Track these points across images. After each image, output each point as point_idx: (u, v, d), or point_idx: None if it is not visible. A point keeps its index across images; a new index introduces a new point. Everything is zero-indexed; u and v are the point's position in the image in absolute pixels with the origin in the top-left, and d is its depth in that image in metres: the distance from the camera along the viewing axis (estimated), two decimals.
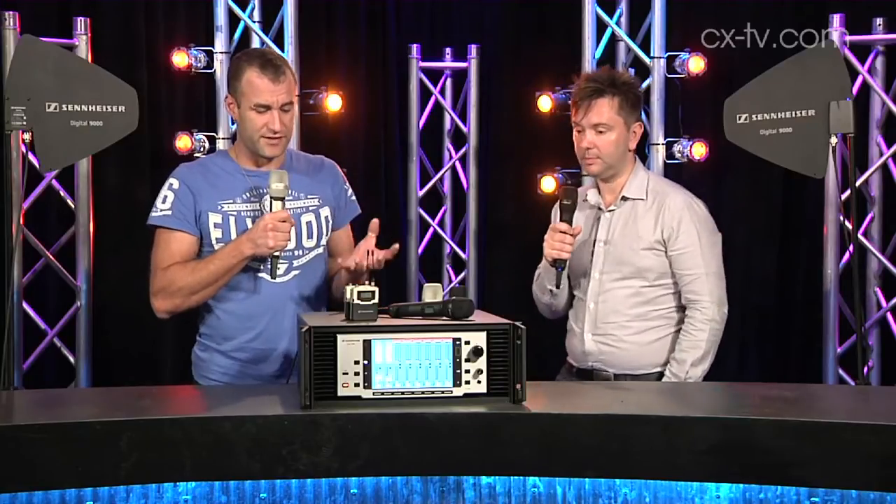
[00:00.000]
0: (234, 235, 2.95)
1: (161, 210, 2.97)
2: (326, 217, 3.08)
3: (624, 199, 3.22)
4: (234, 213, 2.98)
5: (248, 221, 2.97)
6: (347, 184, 3.20)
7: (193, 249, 2.98)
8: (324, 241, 3.07)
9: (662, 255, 3.17)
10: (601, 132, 3.16)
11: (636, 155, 3.30)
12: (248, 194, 3.00)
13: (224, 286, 2.95)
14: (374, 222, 2.92)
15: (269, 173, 2.92)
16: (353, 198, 3.20)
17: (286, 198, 2.91)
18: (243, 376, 3.00)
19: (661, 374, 3.17)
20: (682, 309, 3.20)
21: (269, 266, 2.91)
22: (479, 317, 2.51)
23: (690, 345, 3.13)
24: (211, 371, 3.04)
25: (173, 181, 3.00)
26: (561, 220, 3.10)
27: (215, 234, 2.97)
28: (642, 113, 5.00)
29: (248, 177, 3.02)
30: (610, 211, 3.23)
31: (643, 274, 3.17)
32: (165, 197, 2.98)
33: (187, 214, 2.96)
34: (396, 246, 2.91)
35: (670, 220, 3.16)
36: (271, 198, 2.90)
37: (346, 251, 3.09)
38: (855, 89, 4.60)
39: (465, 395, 2.39)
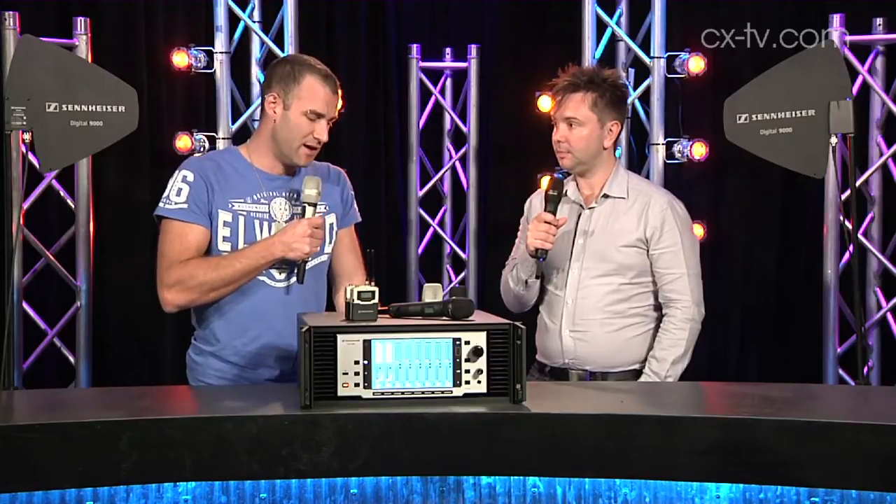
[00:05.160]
0: (241, 236, 2.91)
1: (176, 203, 2.88)
2: (332, 224, 3.04)
3: (605, 196, 3.23)
4: (244, 213, 2.92)
5: (256, 224, 2.93)
6: (353, 190, 3.16)
7: (206, 243, 2.91)
8: (328, 249, 3.04)
9: (644, 253, 3.18)
10: (572, 126, 3.18)
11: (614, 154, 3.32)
12: (258, 195, 2.95)
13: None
14: None
15: (304, 179, 2.91)
16: (355, 206, 3.16)
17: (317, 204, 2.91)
18: (240, 380, 2.96)
19: (636, 372, 3.19)
20: (657, 308, 3.22)
21: (297, 271, 2.90)
22: (479, 317, 2.50)
23: (671, 343, 3.15)
24: (206, 374, 2.98)
25: (187, 173, 2.92)
26: (546, 210, 3.11)
27: (223, 232, 2.91)
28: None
29: (262, 178, 2.96)
30: (591, 208, 3.24)
31: (623, 271, 3.18)
32: (180, 189, 2.89)
33: (203, 208, 2.89)
34: None
35: (654, 219, 3.18)
36: (305, 203, 2.89)
37: (346, 251, 3.09)
38: (855, 89, 4.60)
39: (465, 395, 2.39)
